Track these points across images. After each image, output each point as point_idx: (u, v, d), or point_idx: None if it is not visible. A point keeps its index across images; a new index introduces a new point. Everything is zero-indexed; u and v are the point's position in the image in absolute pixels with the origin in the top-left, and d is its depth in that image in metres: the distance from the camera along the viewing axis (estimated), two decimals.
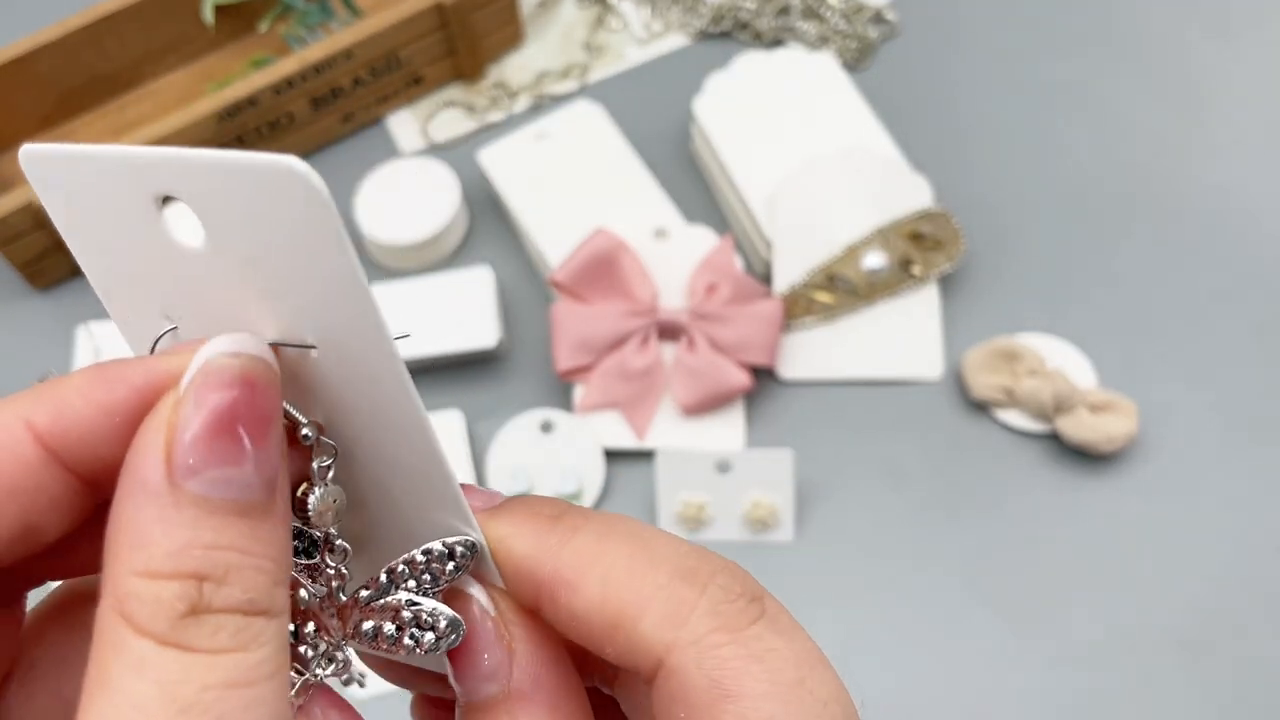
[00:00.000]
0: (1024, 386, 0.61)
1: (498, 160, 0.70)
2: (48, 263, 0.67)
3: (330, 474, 0.21)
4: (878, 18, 0.78)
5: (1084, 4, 0.78)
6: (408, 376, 0.20)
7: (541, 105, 0.75)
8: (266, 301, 0.19)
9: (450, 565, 0.21)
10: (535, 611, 0.21)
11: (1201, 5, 0.78)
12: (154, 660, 0.16)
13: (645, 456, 0.62)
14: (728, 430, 0.63)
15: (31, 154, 0.20)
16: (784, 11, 0.78)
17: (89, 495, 0.20)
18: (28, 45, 0.68)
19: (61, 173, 0.20)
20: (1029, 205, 0.70)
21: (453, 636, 0.21)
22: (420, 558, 0.21)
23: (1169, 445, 0.62)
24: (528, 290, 0.68)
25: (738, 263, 0.65)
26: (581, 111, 0.72)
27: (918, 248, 0.66)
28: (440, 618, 0.21)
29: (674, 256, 0.65)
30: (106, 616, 0.17)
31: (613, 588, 0.20)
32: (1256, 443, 0.62)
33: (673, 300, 0.64)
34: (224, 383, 0.18)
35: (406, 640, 0.21)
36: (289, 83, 0.68)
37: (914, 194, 0.67)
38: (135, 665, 0.16)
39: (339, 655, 0.22)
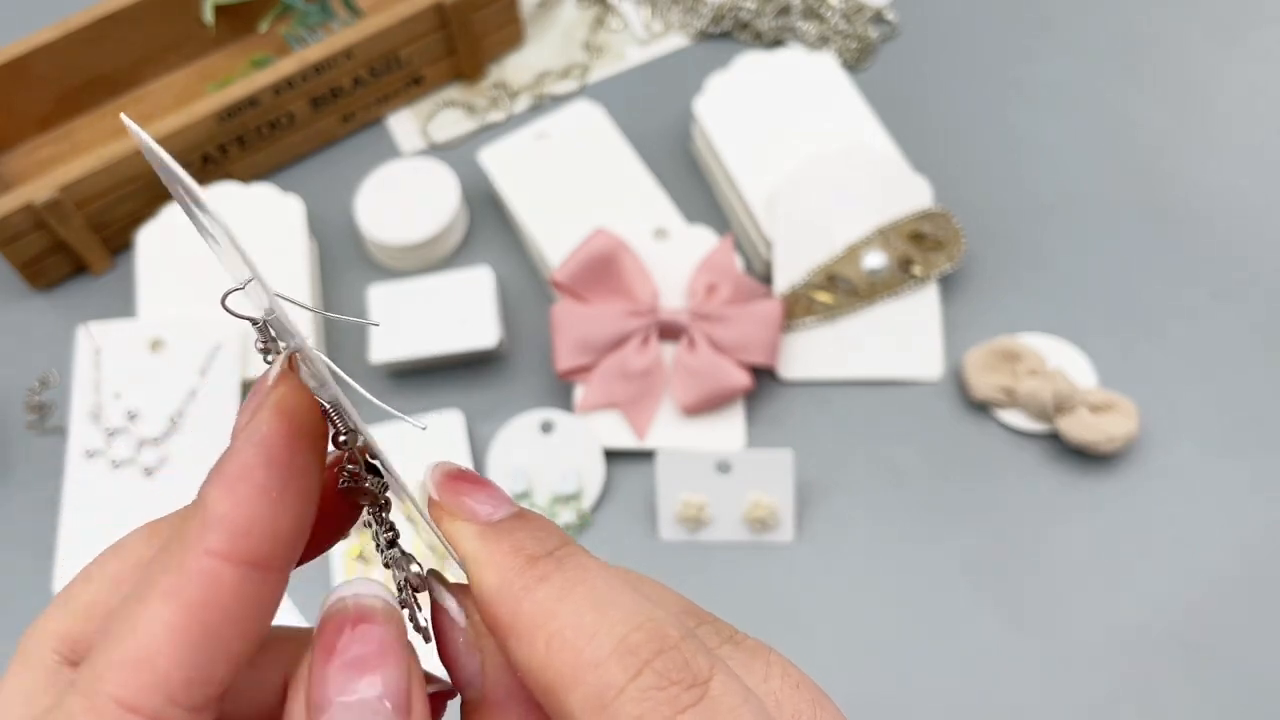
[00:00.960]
0: (1024, 386, 0.61)
1: (498, 160, 0.70)
2: (48, 263, 0.67)
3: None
4: (878, 18, 0.78)
5: (1084, 4, 0.78)
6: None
7: (541, 105, 0.75)
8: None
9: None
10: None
11: (1201, 6, 0.78)
12: None
13: (645, 456, 0.62)
14: (728, 430, 0.63)
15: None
16: (784, 11, 0.78)
17: (280, 581, 0.21)
18: (28, 45, 0.68)
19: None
20: (1029, 205, 0.70)
21: (415, 590, 0.22)
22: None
23: (1169, 445, 0.62)
24: (528, 290, 0.68)
25: (738, 263, 0.65)
26: (581, 111, 0.72)
27: (918, 248, 0.66)
28: (408, 567, 0.23)
29: (674, 256, 0.65)
30: None
31: (554, 653, 0.19)
32: (1256, 443, 0.62)
33: (673, 300, 0.64)
34: (343, 627, 0.20)
35: (402, 569, 0.23)
36: (289, 83, 0.68)
37: (914, 194, 0.67)
38: None
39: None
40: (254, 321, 0.21)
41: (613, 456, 0.62)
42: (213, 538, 0.19)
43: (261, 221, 0.67)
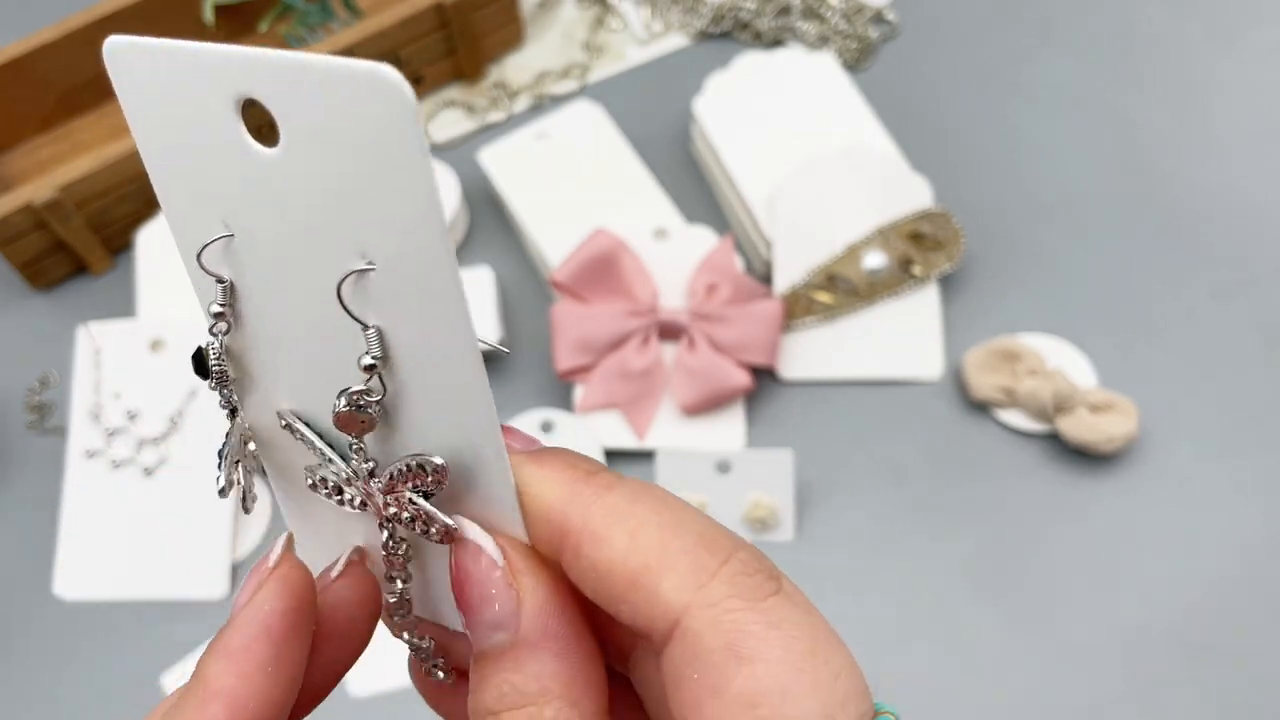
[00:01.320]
0: (1024, 386, 0.61)
1: (498, 160, 0.70)
2: (48, 263, 0.67)
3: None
4: (878, 18, 0.78)
5: (1085, 4, 0.78)
6: (466, 299, 0.20)
7: (541, 105, 0.75)
8: (335, 210, 0.20)
9: (428, 479, 0.22)
10: (553, 564, 0.22)
11: (1201, 5, 0.78)
12: None
13: (645, 456, 0.62)
14: (728, 430, 0.63)
15: (116, 45, 0.20)
16: (784, 11, 0.78)
17: None
18: (28, 45, 0.68)
19: (145, 66, 0.20)
20: (1029, 205, 0.70)
21: (440, 541, 0.22)
22: (403, 468, 0.22)
23: (1169, 445, 0.62)
24: (528, 290, 0.68)
25: (738, 263, 0.65)
26: (581, 111, 0.72)
27: (918, 248, 0.66)
28: (433, 522, 0.22)
29: (674, 256, 0.65)
30: None
31: (638, 544, 0.20)
32: (1256, 443, 0.62)
33: (673, 300, 0.64)
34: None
35: (418, 528, 0.22)
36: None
37: (914, 194, 0.67)
38: None
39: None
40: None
41: (613, 456, 0.62)
42: (213, 709, 0.21)
43: None
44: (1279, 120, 0.73)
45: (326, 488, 0.23)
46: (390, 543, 0.23)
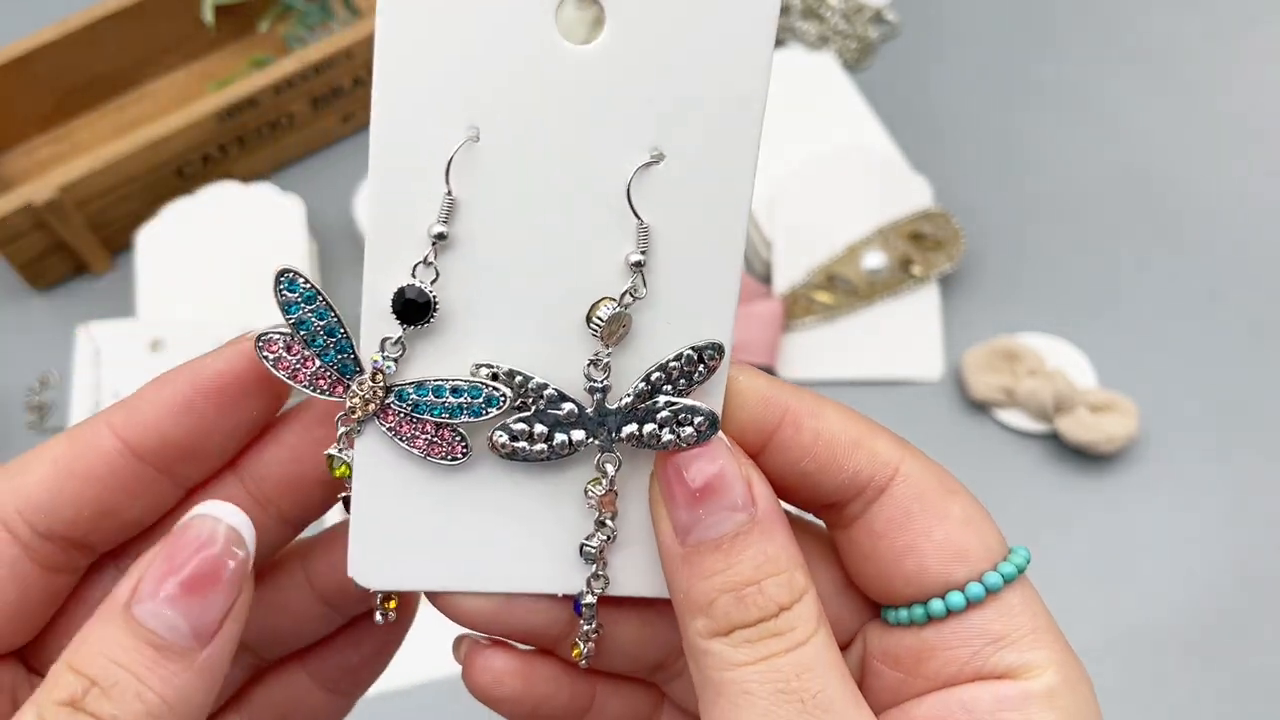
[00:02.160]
0: (1024, 386, 0.61)
1: None
2: (48, 263, 0.67)
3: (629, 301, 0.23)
4: (878, 18, 0.78)
5: (1084, 5, 0.78)
6: (751, 195, 0.22)
7: None
8: (639, 105, 0.21)
9: (701, 367, 0.23)
10: (760, 443, 0.24)
11: (1201, 6, 0.78)
12: None
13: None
14: None
15: None
16: (784, 11, 0.78)
17: (168, 486, 0.24)
18: (28, 45, 0.68)
19: None
20: (1029, 205, 0.70)
21: (709, 431, 0.23)
22: (674, 363, 0.23)
23: (1169, 445, 0.62)
24: None
25: None
26: None
27: (918, 248, 0.66)
28: (698, 413, 0.23)
29: None
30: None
31: (850, 418, 0.25)
32: (1255, 443, 0.62)
33: None
34: (192, 541, 0.21)
35: (666, 436, 0.23)
36: (289, 83, 0.68)
37: (914, 194, 0.67)
38: None
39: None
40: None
41: None
42: (116, 413, 0.23)
43: (261, 221, 0.67)
44: (1278, 120, 0.73)
45: (531, 440, 0.23)
46: (607, 478, 0.24)
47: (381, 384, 0.23)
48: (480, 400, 0.23)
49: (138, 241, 0.66)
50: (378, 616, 0.26)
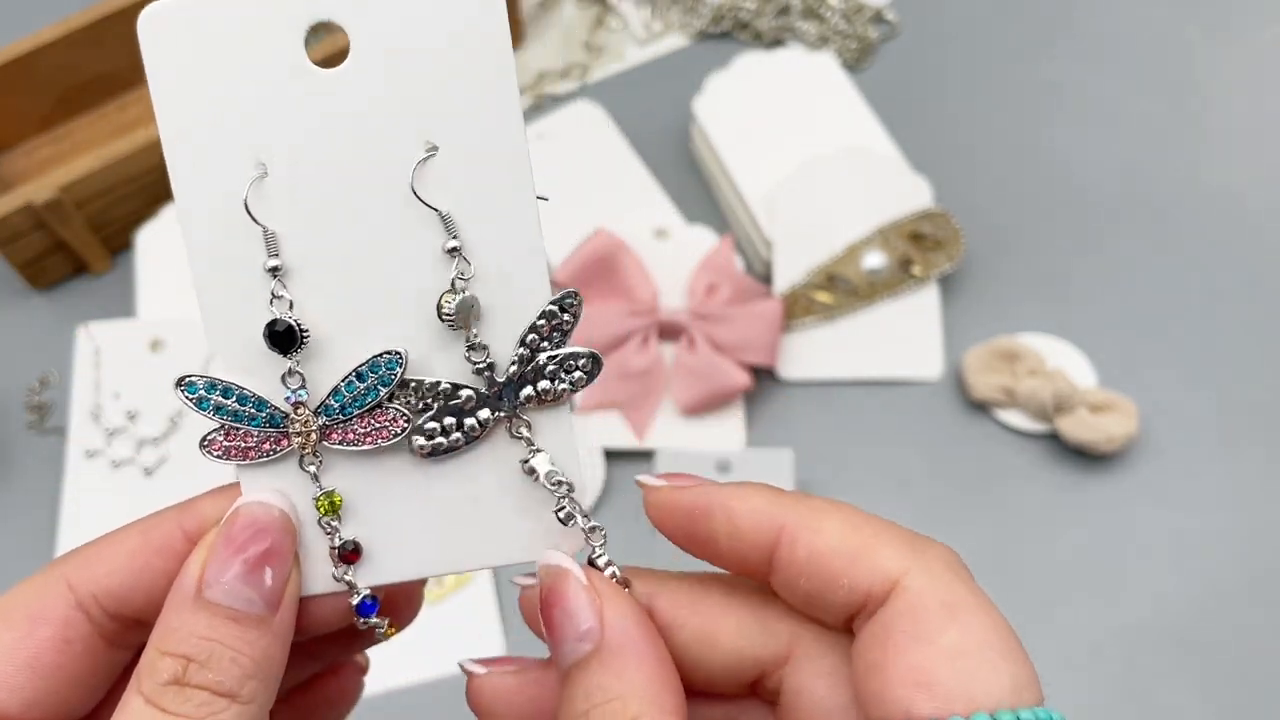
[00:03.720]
0: (1024, 386, 0.61)
1: None
2: (48, 263, 0.67)
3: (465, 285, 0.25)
4: (878, 18, 0.78)
5: (1084, 5, 0.78)
6: (531, 172, 0.24)
7: (541, 105, 0.75)
8: (402, 111, 0.23)
9: (566, 315, 0.25)
10: (765, 564, 0.24)
11: (1200, 5, 0.78)
12: (139, 713, 0.22)
13: (645, 456, 0.62)
14: (728, 430, 0.63)
15: (156, 10, 0.23)
16: (784, 11, 0.78)
17: (114, 656, 0.26)
18: (28, 45, 0.68)
19: (197, 11, 0.22)
20: (1029, 205, 0.70)
21: (593, 368, 0.26)
22: (540, 322, 0.25)
23: (1169, 445, 0.62)
24: None
25: (738, 263, 0.65)
26: (581, 111, 0.72)
27: (918, 248, 0.66)
28: (579, 356, 0.26)
29: (674, 256, 0.65)
30: (130, 682, 0.23)
31: (853, 528, 0.24)
32: (1256, 443, 0.62)
33: (673, 300, 0.64)
34: (245, 524, 0.24)
35: (561, 386, 0.25)
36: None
37: (914, 194, 0.67)
38: (127, 715, 0.22)
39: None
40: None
41: (612, 456, 0.62)
42: (189, 519, 0.25)
43: None
44: (1278, 121, 0.73)
45: (446, 434, 0.25)
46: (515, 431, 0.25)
47: (307, 412, 0.25)
48: (384, 369, 0.25)
49: (138, 241, 0.66)
50: (367, 627, 0.27)
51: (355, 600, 0.26)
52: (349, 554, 0.25)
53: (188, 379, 0.24)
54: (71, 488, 0.60)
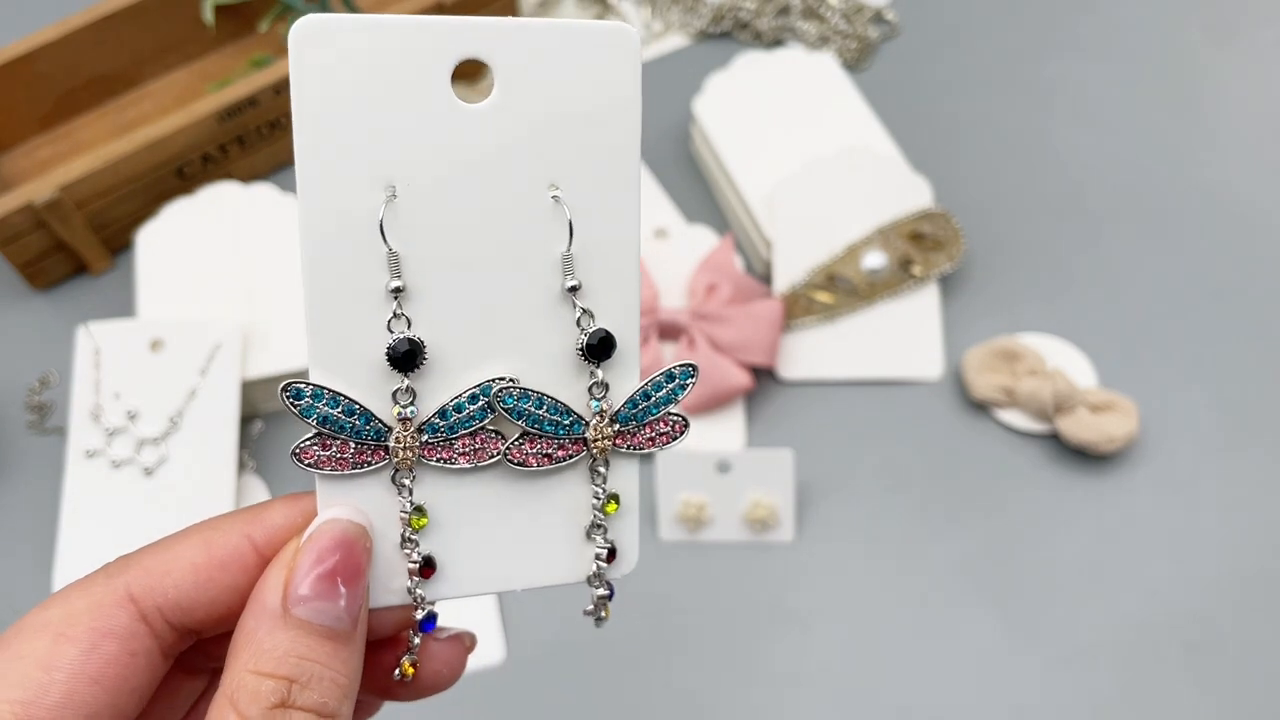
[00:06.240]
0: (1024, 386, 0.61)
1: None
2: (48, 263, 0.67)
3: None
4: (878, 18, 0.78)
5: (1084, 5, 0.78)
6: (639, 235, 0.27)
7: None
8: (532, 159, 0.24)
9: (674, 384, 0.28)
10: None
11: (1201, 6, 0.78)
12: None
13: (644, 457, 0.62)
14: (728, 430, 0.63)
15: (308, 25, 0.23)
16: (784, 11, 0.78)
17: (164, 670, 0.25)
18: (28, 45, 0.68)
19: (344, 43, 0.23)
20: (1029, 205, 0.70)
21: (682, 433, 0.28)
22: (660, 378, 0.28)
23: (1169, 445, 0.62)
24: None
25: (738, 263, 0.65)
26: None
27: (918, 248, 0.66)
28: (676, 418, 0.28)
29: (674, 256, 0.65)
30: (219, 703, 0.22)
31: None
32: (1256, 443, 0.62)
33: (673, 300, 0.64)
34: (332, 541, 0.24)
35: (649, 437, 0.27)
36: (289, 82, 0.68)
37: (914, 194, 0.67)
38: None
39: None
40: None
41: None
42: (255, 528, 0.25)
43: (261, 221, 0.67)
44: (1278, 121, 0.73)
45: (536, 453, 0.26)
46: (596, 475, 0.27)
47: (412, 428, 0.25)
48: (493, 394, 0.25)
49: (138, 241, 0.66)
50: (395, 674, 0.27)
51: (420, 615, 0.26)
52: (425, 569, 0.25)
53: (293, 385, 0.24)
54: (71, 488, 0.60)
